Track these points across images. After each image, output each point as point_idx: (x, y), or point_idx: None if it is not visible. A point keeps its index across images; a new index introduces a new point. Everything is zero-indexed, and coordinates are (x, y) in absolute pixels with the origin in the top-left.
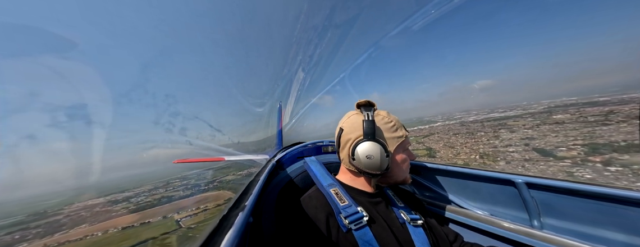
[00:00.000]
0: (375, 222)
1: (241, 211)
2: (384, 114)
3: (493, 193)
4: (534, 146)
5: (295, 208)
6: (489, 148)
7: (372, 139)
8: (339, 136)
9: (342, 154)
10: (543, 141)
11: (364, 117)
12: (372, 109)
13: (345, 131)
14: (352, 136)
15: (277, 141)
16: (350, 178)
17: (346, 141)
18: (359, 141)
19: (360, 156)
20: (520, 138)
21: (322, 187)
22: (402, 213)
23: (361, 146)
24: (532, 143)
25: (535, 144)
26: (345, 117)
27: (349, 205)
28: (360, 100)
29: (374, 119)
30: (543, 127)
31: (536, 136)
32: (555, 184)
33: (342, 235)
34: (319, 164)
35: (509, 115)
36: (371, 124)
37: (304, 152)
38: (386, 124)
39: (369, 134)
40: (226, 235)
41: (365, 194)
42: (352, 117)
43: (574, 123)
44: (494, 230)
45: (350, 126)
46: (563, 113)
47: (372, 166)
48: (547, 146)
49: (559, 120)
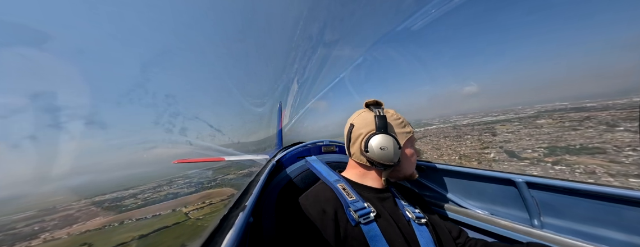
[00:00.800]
0: (382, 217)
1: (241, 211)
2: (393, 111)
3: (493, 193)
4: (507, 148)
5: (296, 208)
6: (469, 150)
7: (385, 132)
8: (349, 132)
9: (353, 149)
10: (516, 144)
11: (375, 113)
12: (381, 107)
13: (356, 127)
14: (364, 130)
15: (277, 141)
16: (358, 174)
17: (358, 135)
18: (372, 134)
19: (374, 148)
20: (498, 141)
21: (329, 183)
22: (408, 211)
23: (375, 138)
24: (506, 146)
25: (509, 146)
26: (355, 115)
27: (356, 200)
28: (368, 100)
29: (385, 115)
30: (523, 131)
31: (513, 139)
32: (555, 183)
33: (351, 228)
34: (321, 162)
35: (500, 119)
36: (383, 119)
37: (304, 152)
38: (396, 120)
39: (382, 128)
40: (226, 235)
41: (372, 190)
42: (363, 114)
43: (552, 127)
44: (495, 229)
45: (362, 122)
46: (547, 118)
47: (385, 157)
48: (516, 149)
49: (540, 124)
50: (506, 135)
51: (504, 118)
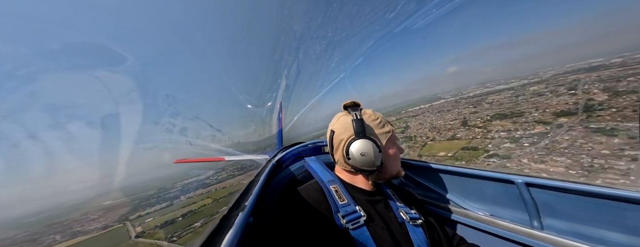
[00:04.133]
0: (373, 221)
1: (241, 211)
2: (370, 112)
3: (493, 193)
4: (467, 118)
5: (295, 208)
6: (443, 122)
7: (364, 136)
8: (331, 138)
9: (337, 156)
10: (477, 115)
11: (352, 116)
12: (358, 109)
13: (336, 133)
14: (344, 136)
15: (277, 141)
16: (347, 177)
17: (339, 142)
18: (352, 140)
19: (354, 155)
20: (468, 113)
21: (323, 183)
22: (402, 212)
23: (354, 144)
24: (468, 116)
25: (470, 116)
26: (334, 120)
27: (348, 204)
28: (346, 102)
29: (362, 118)
30: (504, 101)
31: (478, 110)
32: (555, 184)
33: (340, 233)
34: (319, 162)
35: (498, 89)
36: (360, 122)
37: (303, 152)
38: (374, 121)
39: (360, 132)
40: (226, 235)
41: (364, 193)
42: (341, 119)
43: (532, 95)
44: (494, 230)
45: (341, 127)
46: (539, 85)
47: (367, 162)
48: (472, 119)
49: (532, 91)
50: (486, 105)
51: (501, 88)
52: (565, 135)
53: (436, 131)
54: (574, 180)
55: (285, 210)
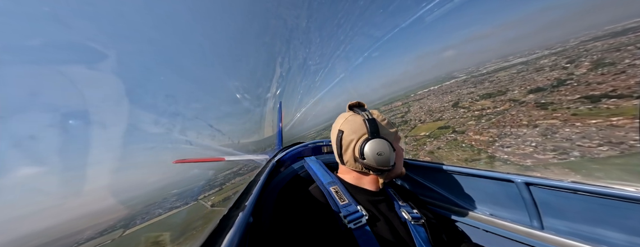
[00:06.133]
0: (376, 221)
1: (241, 211)
2: (377, 112)
3: (493, 193)
4: (460, 99)
5: (295, 208)
6: (439, 104)
7: (379, 136)
8: (339, 139)
9: (346, 156)
10: (471, 95)
11: (362, 117)
12: (366, 109)
13: (346, 133)
14: (355, 136)
15: (277, 141)
16: (354, 178)
17: (349, 142)
18: (366, 139)
19: (370, 154)
20: (466, 93)
21: (322, 185)
22: (404, 212)
23: (370, 144)
24: (463, 97)
25: (465, 97)
26: (340, 119)
27: (349, 204)
28: (351, 102)
29: (374, 118)
30: (505, 78)
31: (475, 90)
32: (554, 183)
33: (342, 234)
34: (318, 163)
35: (512, 64)
36: (374, 122)
37: (303, 152)
38: (382, 121)
39: (375, 132)
40: (226, 235)
41: (367, 193)
42: (349, 118)
43: (536, 69)
44: (494, 230)
45: (350, 127)
46: (549, 58)
47: (383, 162)
48: (463, 100)
49: (541, 65)
50: (487, 83)
51: (517, 62)
52: (514, 111)
53: (430, 113)
54: (573, 180)
55: (286, 212)
